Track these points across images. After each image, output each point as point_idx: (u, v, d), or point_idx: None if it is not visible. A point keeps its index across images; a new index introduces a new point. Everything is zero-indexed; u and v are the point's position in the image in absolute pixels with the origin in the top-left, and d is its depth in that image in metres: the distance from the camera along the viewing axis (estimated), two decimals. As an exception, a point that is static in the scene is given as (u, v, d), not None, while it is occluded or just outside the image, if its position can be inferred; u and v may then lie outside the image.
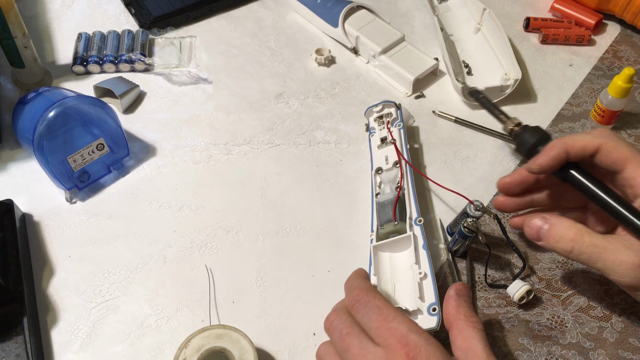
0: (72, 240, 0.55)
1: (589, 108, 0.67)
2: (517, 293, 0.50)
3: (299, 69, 0.71)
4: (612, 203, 0.44)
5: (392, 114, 0.61)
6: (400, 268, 0.50)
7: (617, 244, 0.43)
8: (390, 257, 0.51)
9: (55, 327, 0.49)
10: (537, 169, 0.47)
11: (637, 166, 0.44)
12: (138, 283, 0.52)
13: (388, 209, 0.54)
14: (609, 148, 0.45)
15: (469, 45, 0.73)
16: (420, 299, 0.46)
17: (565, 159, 0.46)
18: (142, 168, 0.60)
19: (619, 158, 0.44)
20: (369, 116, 0.63)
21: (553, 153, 0.46)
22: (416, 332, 0.39)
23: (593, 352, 0.49)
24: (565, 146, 0.46)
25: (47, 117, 0.53)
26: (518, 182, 0.50)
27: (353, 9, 0.72)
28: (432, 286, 0.46)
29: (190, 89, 0.68)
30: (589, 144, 0.45)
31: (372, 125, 0.62)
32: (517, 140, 0.50)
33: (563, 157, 0.46)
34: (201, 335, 0.45)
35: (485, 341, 0.40)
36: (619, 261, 0.43)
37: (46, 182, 0.58)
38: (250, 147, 0.63)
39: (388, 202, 0.55)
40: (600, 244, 0.43)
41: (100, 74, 0.69)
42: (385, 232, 0.52)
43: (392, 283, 0.49)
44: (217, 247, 0.54)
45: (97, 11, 0.77)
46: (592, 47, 0.74)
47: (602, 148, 0.45)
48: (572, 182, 0.46)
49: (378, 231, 0.53)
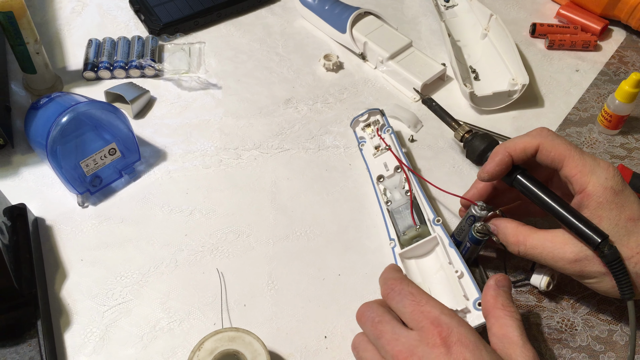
0: (84, 244, 0.55)
1: (596, 113, 0.68)
2: (542, 281, 0.50)
3: (308, 75, 0.71)
4: (554, 206, 0.46)
5: (379, 120, 0.62)
6: (429, 272, 0.50)
7: (556, 241, 0.46)
8: (417, 263, 0.52)
9: (69, 330, 0.49)
10: (487, 177, 0.48)
11: (573, 163, 0.45)
12: (150, 286, 0.52)
13: (405, 214, 0.55)
14: (547, 147, 0.46)
15: (476, 50, 0.74)
16: (465, 297, 0.47)
17: (510, 162, 0.48)
18: (153, 173, 0.61)
19: (557, 156, 0.46)
20: (355, 127, 0.64)
21: (497, 158, 0.48)
22: (448, 314, 0.40)
23: (603, 355, 0.49)
24: (507, 150, 0.47)
25: (61, 122, 0.54)
26: (478, 197, 0.52)
27: (361, 15, 0.73)
28: (471, 282, 0.47)
29: (199, 94, 0.69)
30: (528, 145, 0.47)
31: (361, 135, 0.63)
32: (467, 147, 0.53)
33: (508, 161, 0.47)
34: (214, 337, 0.45)
35: (521, 329, 0.41)
36: (557, 258, 0.46)
37: (58, 187, 0.59)
38: (260, 152, 0.63)
39: (403, 208, 0.55)
40: (539, 245, 0.46)
41: (110, 80, 0.70)
42: (408, 238, 0.53)
43: (427, 288, 0.50)
44: (228, 250, 0.55)
45: (107, 18, 0.77)
46: (598, 53, 0.75)
47: (540, 148, 0.47)
48: (517, 186, 0.48)
49: (400, 239, 0.53)
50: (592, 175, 0.45)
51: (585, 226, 0.44)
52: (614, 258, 0.43)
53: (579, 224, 0.44)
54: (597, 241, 0.43)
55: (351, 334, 0.49)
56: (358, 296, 0.52)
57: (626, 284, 0.43)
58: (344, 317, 0.51)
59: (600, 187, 0.44)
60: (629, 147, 0.64)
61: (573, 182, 0.46)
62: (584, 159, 0.45)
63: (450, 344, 0.38)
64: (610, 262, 0.43)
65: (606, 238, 0.43)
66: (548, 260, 0.46)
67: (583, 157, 0.46)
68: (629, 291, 0.43)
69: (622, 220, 0.44)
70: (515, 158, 0.48)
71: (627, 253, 0.44)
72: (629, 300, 0.43)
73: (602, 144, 0.65)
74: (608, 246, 0.43)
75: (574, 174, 0.45)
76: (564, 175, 0.46)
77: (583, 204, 0.45)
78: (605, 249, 0.43)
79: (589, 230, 0.44)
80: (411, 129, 0.66)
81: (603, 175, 0.45)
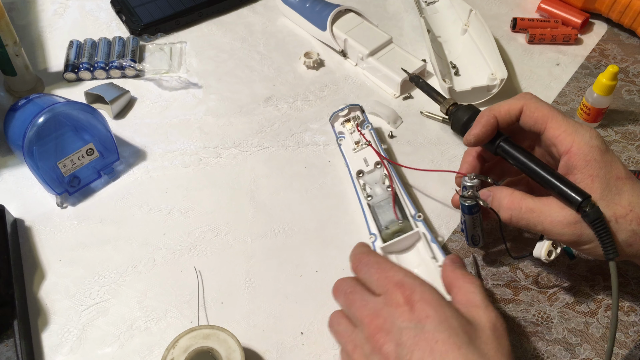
0: (63, 245, 0.55)
1: (576, 106, 0.68)
2: (543, 249, 0.47)
3: (288, 73, 0.71)
4: (537, 169, 0.46)
5: (359, 116, 0.63)
6: (409, 266, 0.50)
7: (553, 205, 0.45)
8: (398, 258, 0.53)
9: (46, 330, 0.50)
10: (473, 139, 0.48)
11: (556, 124, 0.45)
12: (128, 285, 0.52)
13: (386, 209, 0.55)
14: (531, 108, 0.47)
15: (457, 46, 0.74)
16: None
17: (495, 124, 0.48)
18: (132, 172, 0.61)
19: (540, 117, 0.46)
20: (335, 121, 0.64)
21: (483, 120, 0.48)
22: (411, 276, 0.41)
23: (579, 347, 0.49)
24: (492, 112, 0.48)
25: (37, 123, 0.54)
26: (471, 171, 0.52)
27: (341, 13, 0.73)
28: None
29: (180, 93, 0.69)
30: (512, 106, 0.48)
31: (340, 130, 0.63)
32: (452, 118, 0.53)
33: (493, 122, 0.48)
34: (189, 335, 0.45)
35: (483, 294, 0.41)
36: (556, 222, 0.45)
37: (37, 188, 0.59)
38: (240, 150, 0.63)
39: (385, 203, 0.55)
40: (536, 208, 0.46)
41: (91, 81, 0.70)
42: (390, 232, 0.53)
43: None
44: (206, 249, 0.55)
45: (89, 19, 0.77)
46: (579, 46, 0.75)
47: (524, 109, 0.47)
48: (502, 153, 0.48)
49: (382, 233, 0.53)
50: (576, 134, 0.44)
51: (567, 187, 0.44)
52: (596, 217, 0.42)
53: (561, 185, 0.44)
54: (578, 200, 0.43)
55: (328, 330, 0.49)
56: (335, 292, 0.52)
57: (609, 243, 0.43)
58: (320, 313, 0.51)
59: (585, 145, 0.44)
60: (608, 139, 0.64)
61: (557, 143, 0.45)
62: (566, 120, 0.46)
63: (413, 302, 0.39)
64: (592, 221, 0.43)
65: (588, 197, 0.43)
66: (546, 225, 0.45)
67: (566, 118, 0.46)
68: (612, 251, 0.43)
69: (612, 179, 0.44)
70: (500, 120, 0.48)
71: (621, 212, 0.43)
72: (611, 261, 0.43)
73: (581, 137, 0.65)
74: (590, 205, 0.43)
75: (558, 135, 0.45)
76: (547, 137, 0.46)
77: (571, 164, 0.44)
78: (587, 208, 0.43)
79: (571, 191, 0.43)
80: (391, 125, 0.66)
81: (587, 135, 0.44)
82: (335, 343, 0.49)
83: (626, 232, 0.43)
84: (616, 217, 0.43)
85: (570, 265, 0.54)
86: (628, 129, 0.66)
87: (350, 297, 0.42)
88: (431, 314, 0.38)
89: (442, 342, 0.37)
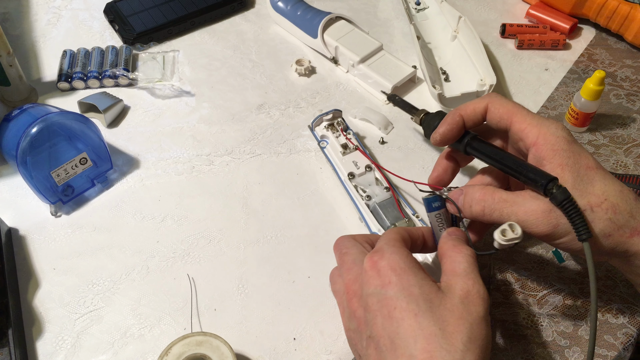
0: (57, 253, 0.56)
1: (565, 111, 0.68)
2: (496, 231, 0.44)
3: (280, 80, 0.72)
4: (505, 160, 0.46)
5: (341, 121, 0.64)
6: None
7: (526, 196, 0.44)
8: None
9: (40, 339, 0.50)
10: (439, 137, 0.49)
11: (521, 118, 0.46)
12: (121, 293, 0.53)
13: (391, 208, 0.56)
14: (495, 105, 0.47)
15: (447, 52, 0.75)
16: None
17: (461, 123, 0.49)
18: (125, 181, 0.62)
19: (505, 112, 0.47)
20: (318, 124, 0.64)
21: (449, 119, 0.49)
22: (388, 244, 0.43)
23: (568, 350, 0.50)
24: (459, 111, 0.49)
25: (30, 133, 0.55)
26: (443, 172, 0.52)
27: (332, 20, 0.74)
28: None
29: (173, 102, 0.70)
30: (477, 105, 0.48)
31: (323, 134, 0.64)
32: (424, 126, 0.54)
33: (459, 121, 0.48)
34: (182, 342, 0.46)
35: (469, 264, 0.41)
36: (530, 211, 0.43)
37: (32, 197, 0.60)
38: (232, 158, 0.64)
39: (387, 202, 0.57)
40: (509, 198, 0.44)
41: (84, 90, 0.70)
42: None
43: None
44: (199, 256, 0.56)
45: (82, 28, 0.78)
46: (568, 51, 0.76)
47: (489, 107, 0.48)
48: (472, 150, 0.49)
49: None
50: (542, 126, 0.45)
51: (532, 172, 0.43)
52: (563, 197, 0.41)
53: (527, 170, 0.44)
54: (543, 183, 0.42)
55: (320, 335, 0.50)
56: (327, 297, 0.53)
57: (581, 223, 0.41)
58: (313, 319, 0.51)
59: (552, 136, 0.44)
60: (596, 143, 0.65)
61: (523, 137, 0.45)
62: (531, 114, 0.46)
63: (379, 267, 0.41)
64: (560, 202, 0.41)
65: (555, 179, 0.42)
66: (520, 215, 0.43)
67: (530, 113, 0.46)
68: (584, 231, 0.41)
69: (582, 169, 0.43)
70: (466, 119, 0.49)
71: (595, 200, 0.42)
72: (585, 242, 0.41)
73: (570, 142, 0.65)
74: (556, 187, 0.42)
75: (524, 128, 0.45)
76: (514, 132, 0.46)
77: (539, 155, 0.44)
78: (554, 189, 0.42)
79: (536, 175, 0.43)
80: (382, 131, 0.66)
81: (552, 126, 0.45)
82: (327, 348, 0.50)
83: (603, 221, 0.42)
84: (591, 206, 0.42)
85: (559, 269, 0.55)
86: (616, 132, 0.66)
87: (343, 258, 0.45)
88: (393, 280, 0.40)
89: (399, 309, 0.38)
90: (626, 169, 0.63)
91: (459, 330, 0.37)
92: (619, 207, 0.42)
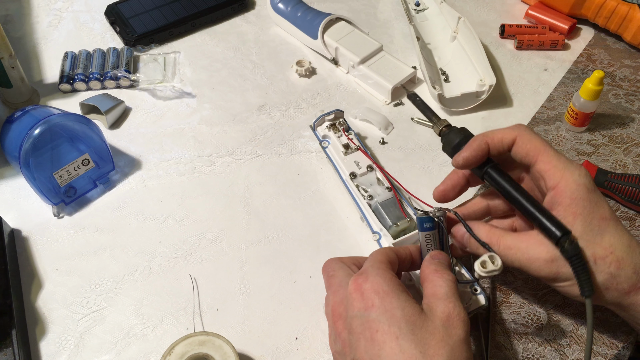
0: (59, 254, 0.56)
1: (564, 111, 0.69)
2: (477, 262, 0.45)
3: (281, 81, 0.72)
4: (520, 199, 0.46)
5: (343, 121, 0.64)
6: None
7: (530, 241, 0.45)
8: None
9: (44, 339, 0.50)
10: (462, 161, 0.48)
11: (547, 158, 0.45)
12: (124, 294, 0.53)
13: (394, 207, 0.56)
14: (524, 139, 0.47)
15: (446, 53, 0.75)
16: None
17: (486, 150, 0.47)
18: (127, 182, 0.62)
19: (532, 149, 0.46)
20: (320, 124, 0.64)
21: (475, 144, 0.47)
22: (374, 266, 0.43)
23: (568, 349, 0.50)
24: (486, 138, 0.47)
25: (33, 135, 0.55)
26: (451, 188, 0.51)
27: (332, 21, 0.74)
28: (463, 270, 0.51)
29: (174, 103, 0.70)
30: (506, 135, 0.47)
31: (325, 134, 0.64)
32: (444, 140, 0.52)
33: (484, 148, 0.47)
34: (184, 342, 0.46)
35: (450, 288, 0.42)
36: (533, 259, 0.44)
37: (34, 198, 0.60)
38: (234, 158, 0.64)
39: (390, 202, 0.57)
40: (513, 245, 0.45)
41: (86, 91, 0.71)
42: (401, 229, 0.55)
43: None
44: (201, 256, 0.56)
45: (83, 30, 0.78)
46: (567, 51, 0.76)
47: (517, 140, 0.47)
48: (489, 179, 0.48)
49: (390, 230, 0.55)
50: (566, 170, 0.44)
51: (548, 220, 0.44)
52: (574, 253, 0.42)
53: (543, 218, 0.44)
54: (557, 235, 0.43)
55: (322, 335, 0.51)
56: (328, 297, 0.53)
57: (586, 280, 0.42)
58: (314, 318, 0.52)
59: (573, 183, 0.44)
60: (595, 143, 0.66)
61: (546, 177, 0.45)
62: (557, 155, 0.46)
63: (364, 290, 0.41)
64: (570, 257, 0.43)
65: (568, 233, 0.43)
66: (523, 262, 0.45)
67: (557, 154, 0.46)
68: (588, 288, 0.42)
69: (595, 219, 0.43)
70: (492, 147, 0.47)
71: (601, 253, 0.43)
72: (587, 299, 0.43)
73: (569, 141, 0.66)
74: (569, 241, 0.43)
75: (548, 169, 0.45)
76: (537, 169, 0.46)
77: (556, 200, 0.44)
78: (566, 244, 0.43)
79: (552, 224, 0.43)
80: (382, 132, 0.67)
81: (576, 172, 0.44)
82: (329, 348, 0.50)
83: (604, 274, 0.43)
84: (595, 258, 0.43)
85: (559, 268, 0.55)
86: (615, 132, 0.67)
87: (330, 281, 0.46)
88: (376, 302, 0.40)
89: (381, 332, 0.39)
90: (625, 168, 0.63)
91: (439, 353, 0.38)
92: (623, 262, 0.43)
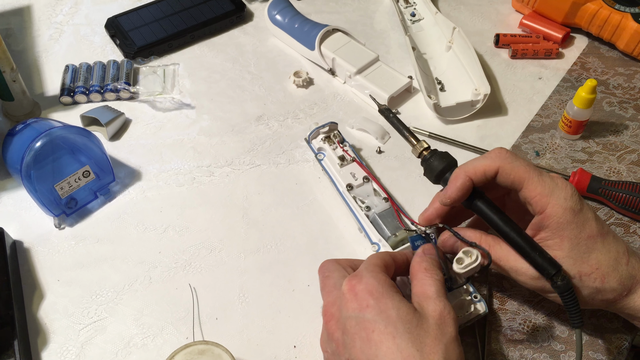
0: (61, 265, 0.57)
1: (558, 119, 0.70)
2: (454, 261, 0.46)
3: (279, 92, 0.73)
4: (511, 234, 0.46)
5: (337, 133, 0.65)
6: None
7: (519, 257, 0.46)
8: None
9: (46, 349, 0.51)
10: (449, 202, 0.48)
11: (532, 186, 0.46)
12: (124, 304, 0.54)
13: (391, 218, 0.57)
14: (507, 170, 0.47)
15: (442, 62, 0.76)
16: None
17: (471, 186, 0.47)
18: (128, 192, 0.63)
19: (516, 178, 0.46)
20: (314, 137, 0.65)
21: (458, 183, 0.47)
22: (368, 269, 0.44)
23: (564, 355, 0.51)
24: (468, 174, 0.47)
25: (34, 148, 0.56)
26: (436, 215, 0.51)
27: (329, 32, 0.75)
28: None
29: (174, 114, 0.71)
30: (488, 168, 0.47)
31: (320, 146, 0.64)
32: (425, 165, 0.50)
33: (469, 185, 0.47)
34: (184, 351, 0.47)
35: (439, 287, 0.43)
36: (520, 272, 0.47)
37: (36, 210, 0.61)
38: (232, 169, 0.65)
39: (387, 213, 0.57)
40: (503, 257, 0.47)
41: (87, 104, 0.72)
42: (399, 240, 0.55)
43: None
44: (201, 266, 0.57)
45: (84, 43, 0.80)
46: (561, 60, 0.77)
47: (500, 170, 0.47)
48: (476, 211, 0.48)
49: (389, 240, 0.55)
50: (551, 196, 0.45)
51: (540, 257, 0.45)
52: (566, 289, 0.44)
53: (534, 255, 0.45)
54: (551, 273, 0.44)
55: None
56: (326, 305, 0.54)
57: (576, 313, 0.45)
58: (313, 327, 0.52)
59: (559, 208, 0.45)
60: (589, 150, 0.66)
61: (533, 204, 0.46)
62: (542, 180, 0.46)
63: (358, 291, 0.42)
64: (562, 293, 0.44)
65: (559, 270, 0.44)
66: (511, 273, 0.47)
67: (542, 179, 0.46)
68: (578, 320, 0.45)
69: (582, 239, 0.45)
70: (476, 181, 0.47)
71: (586, 270, 0.45)
72: (577, 329, 0.45)
73: (564, 149, 0.67)
74: (561, 277, 0.44)
75: (534, 196, 0.46)
76: (523, 196, 0.47)
77: (543, 224, 0.46)
78: (558, 280, 0.44)
79: (544, 262, 0.45)
80: (379, 141, 0.68)
81: (562, 196, 0.45)
82: (326, 355, 0.50)
83: (588, 289, 0.45)
84: (580, 275, 0.45)
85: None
86: (609, 140, 0.68)
87: (324, 282, 0.47)
88: (371, 303, 0.41)
89: (378, 332, 0.40)
90: (619, 175, 0.64)
91: (435, 351, 0.39)
92: (608, 276, 0.45)
